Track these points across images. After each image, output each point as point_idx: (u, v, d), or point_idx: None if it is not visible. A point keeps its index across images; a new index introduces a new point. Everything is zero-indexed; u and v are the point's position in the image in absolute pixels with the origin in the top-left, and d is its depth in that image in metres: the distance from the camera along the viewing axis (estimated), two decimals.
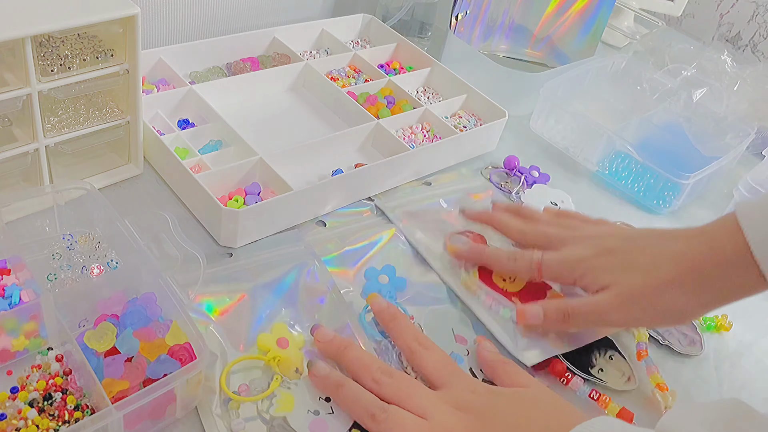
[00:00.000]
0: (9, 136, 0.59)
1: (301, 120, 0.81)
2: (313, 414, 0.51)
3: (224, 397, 0.51)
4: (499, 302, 0.63)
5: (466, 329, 0.61)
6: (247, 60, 0.86)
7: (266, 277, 0.61)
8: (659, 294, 0.54)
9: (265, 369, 0.54)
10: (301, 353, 0.55)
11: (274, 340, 0.55)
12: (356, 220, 0.69)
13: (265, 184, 0.69)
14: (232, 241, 0.63)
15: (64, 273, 0.56)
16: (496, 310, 0.63)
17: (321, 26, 0.93)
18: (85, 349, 0.48)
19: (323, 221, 0.68)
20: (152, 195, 0.68)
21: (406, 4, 0.96)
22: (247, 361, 0.54)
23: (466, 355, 0.59)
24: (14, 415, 0.46)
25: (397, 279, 0.64)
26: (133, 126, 0.65)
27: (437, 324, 0.61)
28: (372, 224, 0.69)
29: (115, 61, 0.60)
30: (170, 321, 0.51)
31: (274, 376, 0.53)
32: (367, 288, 0.63)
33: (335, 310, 0.59)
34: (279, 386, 0.52)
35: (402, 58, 0.94)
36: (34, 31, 0.52)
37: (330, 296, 0.60)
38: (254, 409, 0.51)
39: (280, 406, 0.51)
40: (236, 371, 0.53)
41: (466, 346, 0.59)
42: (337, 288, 0.61)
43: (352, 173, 0.69)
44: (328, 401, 0.52)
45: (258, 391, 0.52)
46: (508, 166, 0.81)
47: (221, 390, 0.52)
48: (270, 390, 0.52)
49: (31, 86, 0.55)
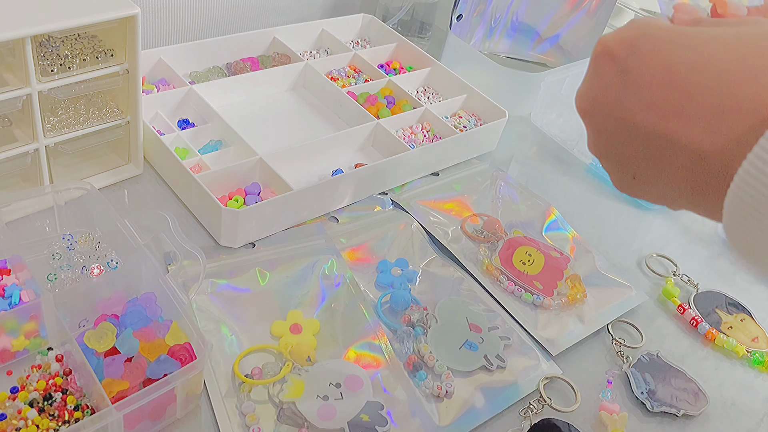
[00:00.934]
0: (9, 136, 0.59)
1: (301, 120, 0.81)
2: (322, 399, 0.52)
3: (237, 381, 0.52)
4: (521, 286, 0.65)
5: (479, 318, 0.62)
6: (247, 60, 0.86)
7: (286, 271, 0.62)
8: None
9: (278, 354, 0.55)
10: (314, 339, 0.56)
11: (288, 327, 0.57)
12: (367, 215, 0.70)
13: (265, 184, 0.69)
14: (232, 241, 0.63)
15: (64, 273, 0.56)
16: (519, 295, 0.65)
17: (321, 26, 0.93)
18: (85, 349, 0.48)
19: (335, 217, 0.69)
20: (152, 195, 0.68)
21: (406, 4, 0.96)
22: (261, 349, 0.55)
23: (480, 342, 0.59)
24: (14, 415, 0.46)
25: (410, 271, 0.65)
26: (133, 126, 0.65)
27: (451, 314, 0.62)
28: (383, 219, 0.70)
29: (115, 61, 0.60)
30: (170, 321, 0.51)
31: (286, 362, 0.54)
32: (380, 280, 0.64)
33: (352, 299, 0.61)
34: (290, 372, 0.53)
35: (402, 58, 0.94)
36: (34, 31, 0.52)
37: (346, 286, 0.61)
38: (265, 393, 0.52)
39: (289, 392, 0.52)
40: (252, 356, 0.55)
41: (480, 334, 0.60)
42: (354, 280, 0.62)
43: (352, 173, 0.69)
44: (338, 387, 0.53)
45: (270, 375, 0.53)
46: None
47: (234, 374, 0.53)
48: (281, 375, 0.53)
49: (31, 86, 0.55)
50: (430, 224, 0.70)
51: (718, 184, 0.28)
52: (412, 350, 0.58)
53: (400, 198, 0.73)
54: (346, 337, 0.58)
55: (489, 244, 0.70)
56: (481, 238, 0.70)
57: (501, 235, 0.70)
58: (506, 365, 0.58)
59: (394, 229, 0.69)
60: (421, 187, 0.76)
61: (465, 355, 0.58)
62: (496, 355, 0.59)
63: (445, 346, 0.58)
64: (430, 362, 0.57)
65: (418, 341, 0.58)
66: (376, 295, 0.62)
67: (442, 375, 0.56)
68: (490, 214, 0.73)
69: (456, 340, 0.59)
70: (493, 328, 0.61)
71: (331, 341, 0.57)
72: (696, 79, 0.28)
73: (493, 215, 0.73)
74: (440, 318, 0.61)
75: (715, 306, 0.69)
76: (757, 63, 0.27)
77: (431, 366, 0.57)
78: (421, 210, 0.72)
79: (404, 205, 0.72)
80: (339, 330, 0.58)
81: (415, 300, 0.62)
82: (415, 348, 0.58)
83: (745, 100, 0.27)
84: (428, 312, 0.61)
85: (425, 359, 0.57)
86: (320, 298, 0.60)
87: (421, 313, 0.60)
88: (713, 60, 0.28)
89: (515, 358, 0.59)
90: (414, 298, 0.62)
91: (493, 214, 0.73)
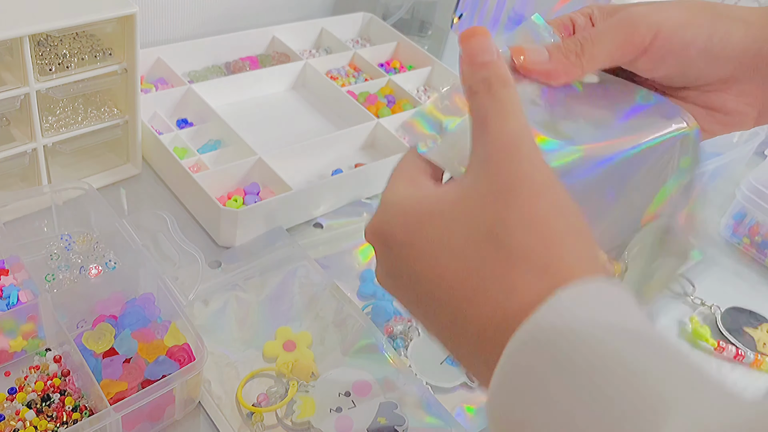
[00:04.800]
0: (7, 135, 0.59)
1: (301, 119, 0.81)
2: (336, 412, 0.51)
3: (245, 411, 0.51)
4: None
5: None
6: (247, 59, 0.85)
7: (263, 288, 0.60)
8: None
9: (278, 376, 0.54)
10: (310, 352, 0.55)
11: (281, 345, 0.56)
12: (353, 221, 0.69)
13: (264, 184, 0.68)
14: (230, 241, 0.63)
15: (62, 273, 0.56)
16: None
17: (321, 25, 0.92)
18: (84, 350, 0.48)
19: (320, 223, 0.68)
20: (151, 195, 0.67)
21: (406, 2, 0.96)
22: (260, 373, 0.54)
23: None
24: (12, 416, 0.46)
25: None
26: (131, 125, 0.65)
27: None
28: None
29: (114, 60, 0.60)
30: (169, 322, 0.51)
31: (290, 382, 0.53)
32: (363, 289, 0.62)
33: (337, 303, 0.60)
34: (297, 391, 0.52)
35: (402, 57, 0.93)
36: (32, 30, 0.52)
37: (328, 291, 0.60)
38: (273, 418, 0.51)
39: (302, 412, 0.51)
40: (251, 383, 0.53)
41: None
42: (335, 284, 0.61)
43: (351, 173, 0.69)
44: (348, 396, 0.52)
45: (277, 398, 0.52)
46: None
47: (240, 405, 0.51)
48: (289, 397, 0.52)
49: (29, 85, 0.55)
50: None
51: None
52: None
53: None
54: (342, 343, 0.57)
55: None
56: None
57: None
58: None
59: None
60: None
61: (446, 370, 0.57)
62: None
63: (426, 361, 0.57)
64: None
65: (398, 354, 0.57)
66: (358, 306, 0.61)
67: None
68: None
69: (437, 355, 0.58)
70: None
71: (328, 350, 0.56)
72: (431, 291, 0.28)
73: None
74: (422, 331, 0.59)
75: (741, 325, 0.67)
76: (475, 282, 0.27)
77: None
78: None
79: None
80: (333, 337, 0.57)
81: (397, 312, 0.61)
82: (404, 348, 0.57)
83: (471, 318, 0.27)
84: (412, 324, 0.60)
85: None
86: (305, 309, 0.59)
87: (404, 325, 0.59)
88: (445, 273, 0.28)
89: None
90: (396, 310, 0.61)
91: None
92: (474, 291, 0.27)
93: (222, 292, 0.59)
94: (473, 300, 0.27)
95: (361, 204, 0.71)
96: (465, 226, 0.28)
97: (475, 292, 0.27)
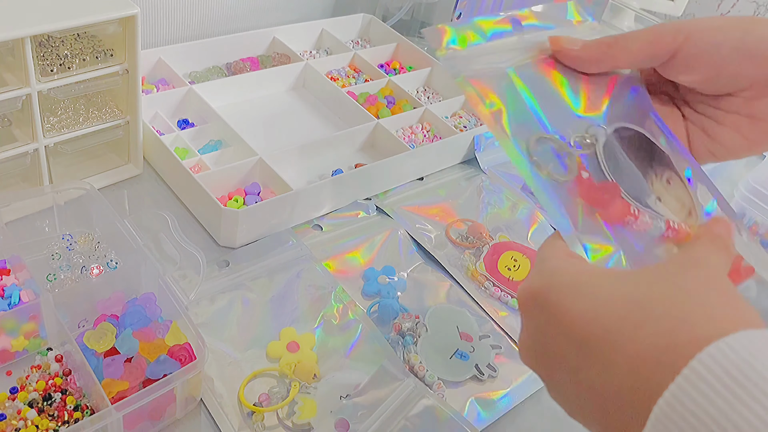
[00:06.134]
0: (9, 136, 0.59)
1: (301, 120, 0.81)
2: (337, 414, 0.51)
3: (246, 410, 0.51)
4: (507, 292, 0.64)
5: (470, 326, 0.61)
6: (247, 60, 0.86)
7: (269, 288, 0.60)
8: None
9: (280, 376, 0.54)
10: (313, 353, 0.55)
11: (284, 346, 0.56)
12: (351, 221, 0.69)
13: (265, 184, 0.69)
14: (231, 241, 0.63)
15: (64, 273, 0.56)
16: (506, 300, 0.64)
17: (321, 26, 0.93)
18: (85, 350, 0.48)
19: (319, 225, 0.68)
20: (152, 195, 0.68)
21: (406, 3, 0.96)
22: (263, 373, 0.54)
23: (471, 352, 0.59)
24: (14, 415, 0.46)
25: (398, 279, 0.64)
26: (132, 126, 0.65)
27: (441, 322, 0.61)
28: (367, 225, 0.69)
29: (115, 61, 0.60)
30: (170, 321, 0.51)
31: (292, 383, 0.53)
32: (366, 289, 0.63)
33: (342, 306, 0.60)
34: (298, 392, 0.52)
35: (402, 57, 0.94)
36: (33, 31, 0.52)
37: (334, 293, 0.61)
38: (274, 418, 0.51)
39: (303, 413, 0.51)
40: (254, 382, 0.53)
41: (471, 342, 0.60)
42: (340, 287, 0.61)
43: (352, 173, 0.69)
44: (349, 399, 0.52)
45: (278, 398, 0.52)
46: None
47: (242, 404, 0.51)
48: (290, 398, 0.52)
49: (31, 86, 0.55)
50: (414, 230, 0.69)
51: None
52: (403, 360, 0.57)
53: (383, 203, 0.72)
54: (345, 346, 0.57)
55: (474, 249, 0.69)
56: (466, 243, 0.69)
57: (486, 240, 0.69)
58: (497, 375, 0.58)
59: (379, 236, 0.68)
60: (404, 192, 0.74)
61: (456, 364, 0.58)
62: (487, 365, 0.58)
63: (435, 356, 0.58)
64: (420, 372, 0.56)
65: (408, 351, 0.57)
66: (363, 305, 0.61)
67: (433, 385, 0.56)
68: (474, 219, 0.72)
69: (446, 350, 0.58)
70: (484, 337, 0.60)
71: (332, 352, 0.57)
72: (590, 331, 0.28)
73: (477, 220, 0.72)
74: (430, 327, 0.60)
75: None
76: (637, 316, 0.27)
77: (422, 376, 0.56)
78: (405, 216, 0.71)
79: (388, 211, 0.71)
80: (337, 339, 0.57)
81: (403, 308, 0.61)
82: (405, 357, 0.57)
83: (627, 358, 0.27)
84: (419, 320, 0.60)
85: (415, 369, 0.56)
86: (310, 311, 0.59)
87: (412, 322, 0.60)
88: (604, 312, 0.28)
89: (508, 366, 0.59)
90: (403, 307, 0.61)
91: (477, 219, 0.72)
92: (634, 326, 0.27)
93: (228, 291, 0.59)
94: (632, 335, 0.27)
95: (361, 204, 0.71)
96: (632, 282, 0.29)
97: (635, 327, 0.27)
